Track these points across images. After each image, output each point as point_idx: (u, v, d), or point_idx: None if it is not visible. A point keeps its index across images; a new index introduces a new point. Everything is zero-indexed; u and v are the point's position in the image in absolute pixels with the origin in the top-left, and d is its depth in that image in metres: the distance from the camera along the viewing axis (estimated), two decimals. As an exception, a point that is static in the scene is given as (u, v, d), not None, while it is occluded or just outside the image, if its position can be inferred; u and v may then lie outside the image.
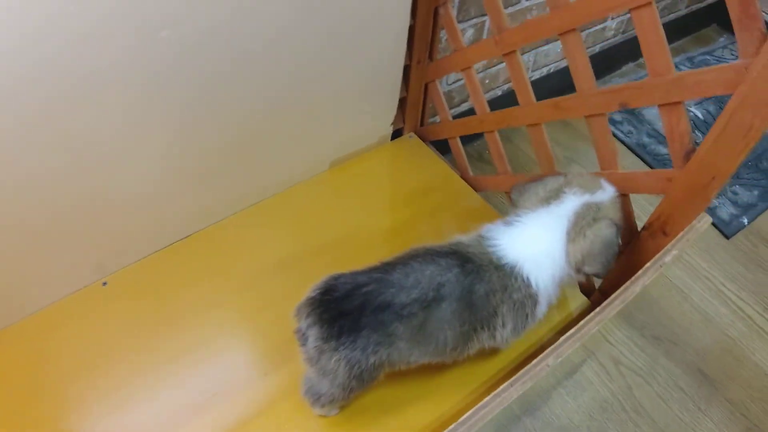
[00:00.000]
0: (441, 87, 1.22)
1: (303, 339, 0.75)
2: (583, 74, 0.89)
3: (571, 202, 0.80)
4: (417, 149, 1.27)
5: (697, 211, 0.82)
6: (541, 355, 0.68)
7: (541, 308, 0.83)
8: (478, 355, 0.86)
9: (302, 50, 0.93)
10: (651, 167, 1.57)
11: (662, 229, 0.87)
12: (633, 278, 0.80)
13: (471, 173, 1.23)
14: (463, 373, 0.92)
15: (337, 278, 0.74)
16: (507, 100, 1.41)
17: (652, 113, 1.72)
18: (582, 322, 0.74)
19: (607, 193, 0.82)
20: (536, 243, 0.80)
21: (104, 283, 1.02)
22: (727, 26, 2.06)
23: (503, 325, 0.80)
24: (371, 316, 0.71)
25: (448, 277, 0.74)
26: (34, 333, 0.94)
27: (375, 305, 0.71)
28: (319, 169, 1.18)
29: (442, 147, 1.29)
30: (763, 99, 0.68)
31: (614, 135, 1.55)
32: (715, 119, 1.61)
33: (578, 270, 0.80)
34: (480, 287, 0.76)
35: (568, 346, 0.70)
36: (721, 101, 1.82)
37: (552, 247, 0.80)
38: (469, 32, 1.25)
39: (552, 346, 0.69)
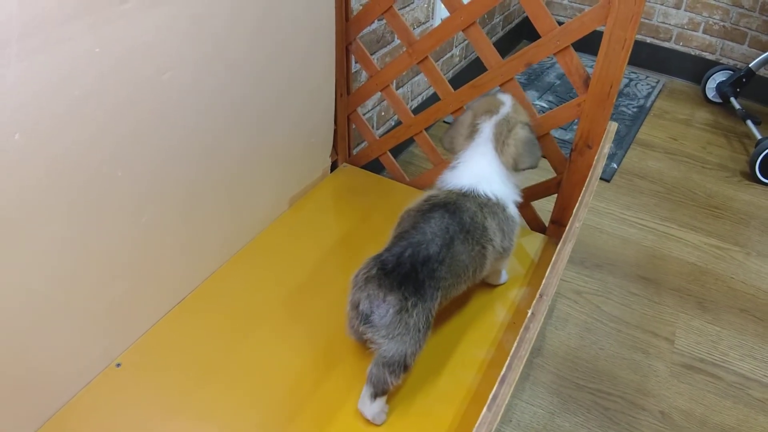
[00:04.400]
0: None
1: (366, 318, 0.84)
2: (489, 54, 1.14)
3: (487, 128, 1.01)
4: (355, 174, 1.42)
5: (606, 117, 1.07)
6: (545, 281, 0.77)
7: (511, 209, 1.01)
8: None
9: (247, 104, 1.06)
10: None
11: (586, 144, 1.11)
12: (585, 185, 1.02)
13: (408, 179, 1.41)
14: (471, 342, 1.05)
15: (378, 258, 0.86)
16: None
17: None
18: (568, 227, 0.92)
19: (507, 104, 1.03)
20: (479, 168, 1.00)
21: (118, 365, 0.99)
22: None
23: (495, 234, 0.98)
24: (424, 270, 0.84)
25: (446, 221, 0.91)
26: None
27: (422, 261, 0.84)
28: (281, 209, 1.27)
29: (374, 169, 1.45)
30: (626, 18, 0.96)
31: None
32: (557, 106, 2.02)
33: (516, 169, 1.01)
34: (465, 216, 0.93)
35: (566, 253, 0.84)
36: (559, 95, 2.24)
37: (491, 165, 1.00)
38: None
39: (553, 260, 0.81)
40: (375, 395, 0.85)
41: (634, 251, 1.55)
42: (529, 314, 0.66)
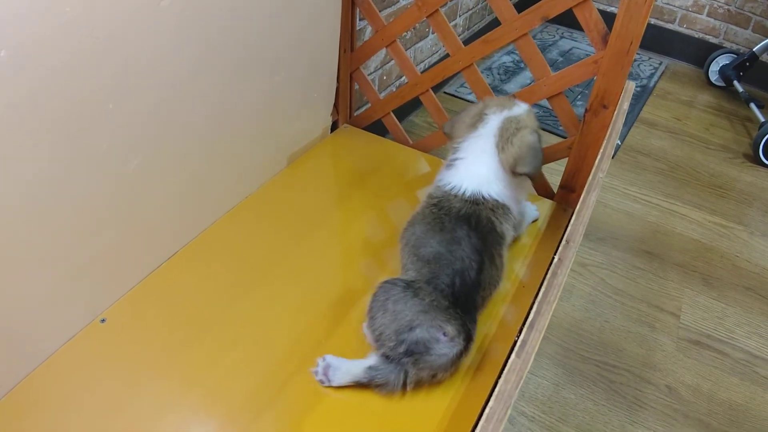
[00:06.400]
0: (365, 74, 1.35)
1: (424, 350, 0.76)
2: (503, 6, 1.08)
3: (494, 120, 0.94)
4: (356, 135, 1.36)
5: (624, 75, 1.02)
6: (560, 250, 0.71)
7: (515, 210, 0.95)
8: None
9: (249, 52, 0.99)
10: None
11: (602, 104, 1.06)
12: (602, 147, 0.97)
13: (411, 142, 1.35)
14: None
15: (436, 285, 0.80)
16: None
17: (512, 86, 2.03)
18: (584, 193, 0.86)
19: (522, 107, 0.96)
20: (478, 170, 0.92)
21: (103, 320, 0.93)
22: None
23: (510, 235, 0.95)
24: (470, 301, 0.82)
25: (474, 241, 0.86)
26: (42, 390, 0.81)
27: (469, 290, 0.82)
28: (280, 166, 1.21)
29: (376, 131, 1.39)
30: (652, -33, 0.91)
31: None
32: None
33: (513, 172, 0.92)
34: (485, 229, 0.88)
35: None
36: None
37: (489, 166, 0.92)
38: (368, 29, 1.42)
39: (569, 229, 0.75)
40: (373, 384, 0.79)
41: (639, 226, 1.51)
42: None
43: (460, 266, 0.82)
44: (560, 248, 0.63)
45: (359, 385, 0.79)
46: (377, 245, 1.07)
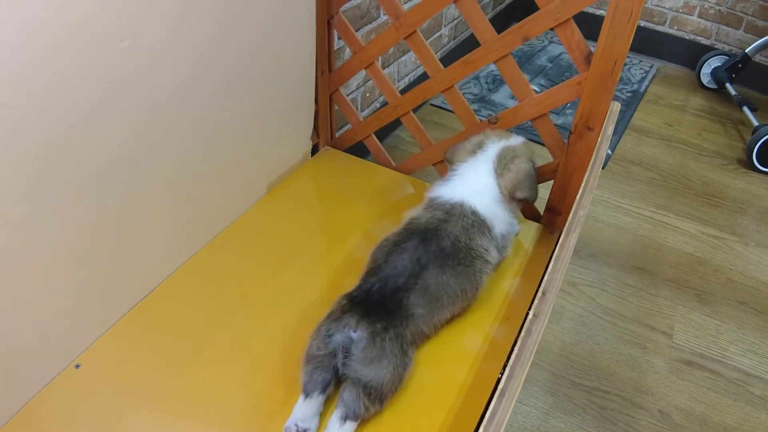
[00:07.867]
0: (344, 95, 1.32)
1: (346, 351, 0.80)
2: (483, 28, 1.05)
3: (492, 149, 1.01)
4: (337, 158, 1.33)
5: (609, 96, 0.99)
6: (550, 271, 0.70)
7: (498, 228, 0.98)
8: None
9: (224, 80, 0.97)
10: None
11: (586, 125, 1.03)
12: (588, 168, 0.94)
13: (394, 163, 1.32)
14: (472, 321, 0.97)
15: (350, 294, 0.86)
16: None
17: (500, 96, 2.00)
18: (570, 217, 0.84)
19: (518, 139, 1.04)
20: (472, 183, 0.99)
21: (77, 366, 0.90)
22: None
23: (486, 250, 0.95)
24: (391, 300, 0.84)
25: (419, 252, 0.89)
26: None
27: (389, 292, 0.84)
28: (260, 193, 1.18)
29: (358, 153, 1.36)
30: (634, -12, 0.88)
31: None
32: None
33: (512, 198, 0.99)
34: (444, 242, 0.91)
35: (570, 244, 0.77)
36: (551, 79, 2.16)
37: (485, 183, 0.99)
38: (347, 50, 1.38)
39: (557, 250, 0.74)
40: (345, 417, 0.77)
41: (630, 241, 1.49)
42: (530, 316, 0.58)
43: (387, 273, 0.86)
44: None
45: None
46: (360, 268, 1.04)
